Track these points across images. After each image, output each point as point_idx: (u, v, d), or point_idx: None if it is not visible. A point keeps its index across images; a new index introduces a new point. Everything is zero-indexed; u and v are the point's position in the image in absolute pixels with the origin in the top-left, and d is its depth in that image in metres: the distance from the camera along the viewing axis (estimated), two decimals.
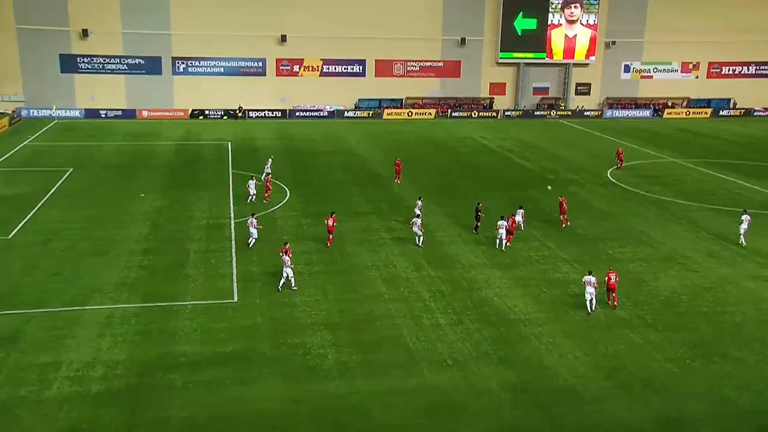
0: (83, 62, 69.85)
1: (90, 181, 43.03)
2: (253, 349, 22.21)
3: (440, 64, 78.62)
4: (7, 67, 68.05)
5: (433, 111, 77.37)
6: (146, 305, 25.06)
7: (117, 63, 70.57)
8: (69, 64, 69.47)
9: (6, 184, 41.31)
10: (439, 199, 40.76)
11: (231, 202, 39.09)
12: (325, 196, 41.15)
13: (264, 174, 41.28)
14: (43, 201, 37.75)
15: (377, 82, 76.84)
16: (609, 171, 49.64)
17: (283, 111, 73.79)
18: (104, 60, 70.19)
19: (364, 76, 76.97)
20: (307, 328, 23.71)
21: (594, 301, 25.44)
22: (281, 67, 74.79)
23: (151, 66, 71.39)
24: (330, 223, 31.77)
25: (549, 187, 38.06)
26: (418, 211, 34.57)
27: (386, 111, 76.16)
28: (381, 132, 66.19)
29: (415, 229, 32.14)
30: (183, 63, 72.21)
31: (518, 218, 34.17)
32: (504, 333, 23.67)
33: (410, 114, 76.54)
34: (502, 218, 32.82)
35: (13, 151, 51.37)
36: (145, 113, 70.53)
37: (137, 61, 70.92)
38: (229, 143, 57.73)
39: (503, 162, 53.47)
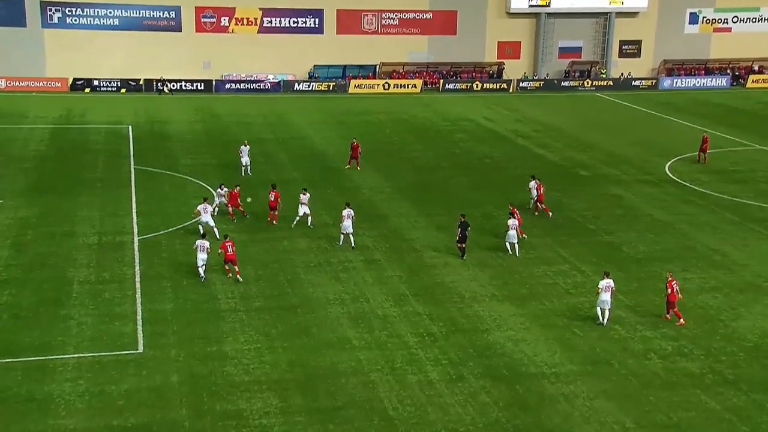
0: None
1: None
2: (165, 420, 21.97)
3: (428, 15, 79.42)
4: None
5: (418, 82, 78.03)
6: (5, 361, 24.58)
7: None
8: None
9: None
10: (424, 206, 40.97)
11: (134, 210, 38.81)
12: (266, 201, 40.97)
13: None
14: None
15: (340, 42, 77.28)
16: (668, 164, 50.47)
17: (207, 82, 73.75)
18: None
19: (322, 33, 77.40)
20: (243, 388, 23.56)
21: (608, 313, 27.44)
22: (203, 20, 74.79)
23: (9, 13, 70.61)
24: (272, 197, 35.82)
25: (249, 199, 38.73)
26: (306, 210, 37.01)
27: (353, 82, 76.54)
28: (345, 111, 66.50)
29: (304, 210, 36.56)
30: (58, 10, 71.66)
31: (534, 193, 39.35)
32: (521, 393, 23.79)
33: (387, 86, 77.08)
34: (511, 215, 34.38)
35: None
36: (1, 83, 69.74)
37: None
38: (130, 127, 57.40)
39: (516, 152, 54.01)
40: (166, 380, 23.88)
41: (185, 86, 73.18)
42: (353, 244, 34.86)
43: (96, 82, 71.55)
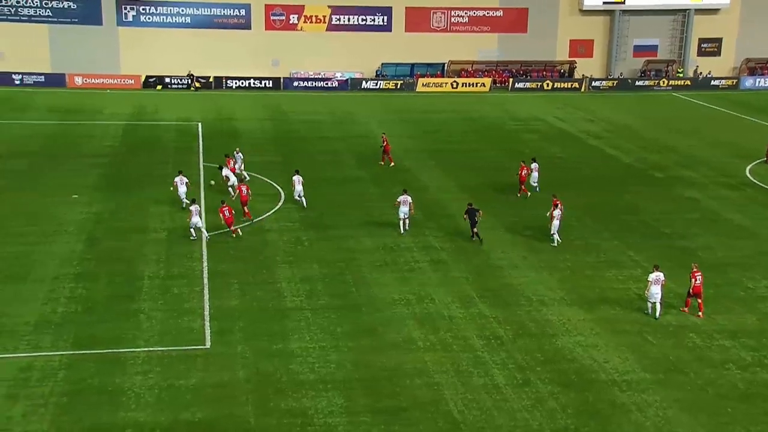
0: None
1: None
2: (232, 416, 22.32)
3: (498, 13, 79.00)
4: None
5: (487, 81, 77.68)
6: (80, 353, 25.31)
7: (37, 6, 72.00)
8: None
9: None
10: (491, 206, 40.74)
11: (203, 207, 39.49)
12: (333, 200, 41.45)
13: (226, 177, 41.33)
14: None
15: (408, 40, 77.41)
16: (749, 166, 49.27)
17: (275, 80, 74.64)
18: (18, 1, 71.66)
19: (390, 30, 77.61)
20: (308, 386, 23.81)
21: (659, 307, 28.09)
22: (272, 17, 75.73)
23: (87, 12, 72.72)
24: (245, 191, 37.27)
25: (212, 182, 41.23)
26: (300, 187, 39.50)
27: (421, 81, 76.58)
28: (412, 110, 66.58)
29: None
30: (132, 9, 73.44)
31: (534, 174, 42.94)
32: (591, 400, 23.52)
33: (455, 85, 76.92)
34: (555, 206, 35.01)
35: None
36: (78, 80, 71.77)
37: (66, 4, 72.33)
38: (199, 125, 58.47)
39: (587, 153, 53.45)
40: (232, 376, 24.28)
41: (254, 84, 74.16)
42: (406, 228, 36.16)
43: (168, 80, 73.01)
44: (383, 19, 77.36)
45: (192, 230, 34.93)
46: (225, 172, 41.44)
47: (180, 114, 61.91)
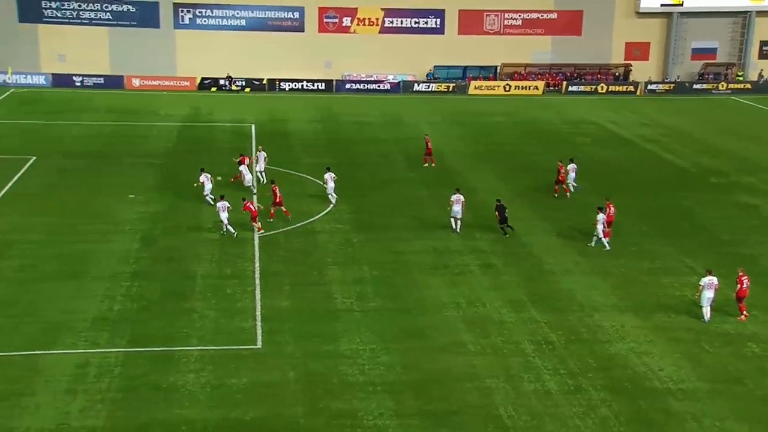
0: (50, 8, 73.04)
1: (58, 175, 44.81)
2: (281, 415, 22.52)
3: (553, 15, 78.36)
4: None
5: (540, 84, 77.08)
6: (134, 350, 25.77)
7: (97, 10, 73.46)
8: (30, 10, 72.81)
9: None
10: (543, 210, 40.53)
11: (255, 207, 39.79)
12: (383, 202, 41.55)
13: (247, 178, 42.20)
14: None
15: (461, 43, 77.25)
16: None
17: (328, 82, 75.06)
18: (79, 5, 73.21)
19: (443, 33, 77.54)
20: (357, 388, 23.91)
21: (710, 310, 28.28)
22: (325, 20, 76.19)
23: (145, 15, 73.99)
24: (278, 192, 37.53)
25: (219, 178, 41.37)
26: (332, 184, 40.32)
27: (473, 84, 76.34)
28: (464, 113, 66.40)
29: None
30: (189, 12, 74.50)
31: (572, 174, 43.23)
32: (644, 409, 23.20)
33: (507, 88, 76.50)
34: (600, 210, 35.16)
35: None
36: (136, 81, 73.03)
37: (125, 7, 73.70)
38: (252, 126, 59.05)
39: (641, 157, 52.81)
40: (283, 376, 24.47)
41: (306, 86, 74.65)
42: (458, 229, 36.33)
43: (222, 81, 73.87)
44: (436, 22, 77.28)
45: (224, 226, 35.56)
46: (241, 168, 42.26)
47: (234, 115, 62.59)
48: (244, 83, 73.76)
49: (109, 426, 21.83)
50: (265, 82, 74.29)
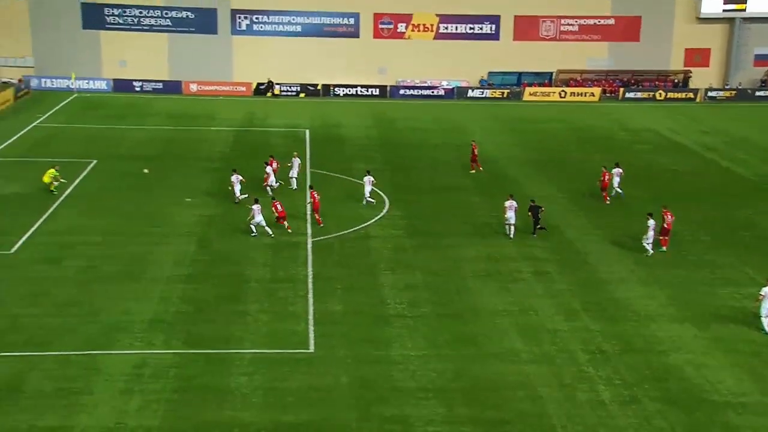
0: (112, 15, 74.55)
1: (117, 178, 45.68)
2: (333, 420, 22.65)
3: (610, 21, 77.48)
4: (12, 20, 73.41)
5: (596, 90, 76.27)
6: (189, 352, 26.17)
7: (158, 16, 74.78)
8: (93, 17, 74.42)
9: (7, 180, 44.50)
10: (599, 218, 40.06)
11: (308, 212, 40.19)
12: (437, 208, 41.50)
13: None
14: (55, 204, 40.45)
15: (516, 49, 76.88)
16: None
17: (382, 88, 75.27)
18: (140, 12, 74.61)
19: (498, 39, 77.24)
20: (409, 394, 23.92)
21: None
22: (380, 26, 76.44)
23: (204, 22, 75.09)
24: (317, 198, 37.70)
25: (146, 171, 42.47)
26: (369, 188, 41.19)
27: (528, 90, 75.86)
28: (519, 119, 66.04)
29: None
30: (246, 18, 75.42)
31: (616, 179, 43.16)
32: (702, 421, 22.80)
33: (563, 94, 75.87)
34: (650, 216, 34.75)
35: (18, 135, 55.46)
36: (193, 87, 74.17)
37: (184, 14, 74.88)
38: (307, 131, 59.51)
39: (701, 166, 51.92)
40: (335, 381, 24.59)
41: (360, 91, 74.96)
42: (512, 235, 36.34)
43: (277, 87, 74.58)
44: (491, 28, 77.00)
45: (253, 227, 36.22)
46: (268, 169, 43.02)
47: (288, 120, 63.13)
48: (299, 89, 74.37)
49: (165, 426, 22.17)
50: (319, 87, 74.79)
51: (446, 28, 76.88)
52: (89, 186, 44.01)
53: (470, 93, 75.49)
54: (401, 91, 75.41)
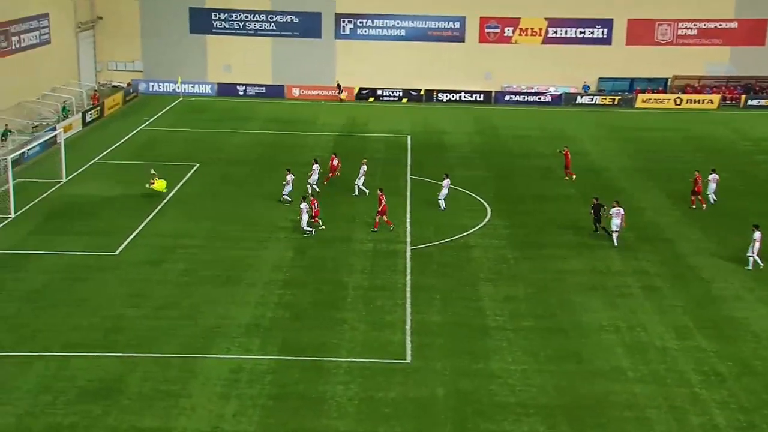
0: (218, 19, 76.61)
1: (219, 182, 46.94)
2: None
3: (733, 25, 74.93)
4: (124, 25, 76.16)
5: (715, 98, 73.84)
6: (285, 358, 26.59)
7: (263, 21, 76.42)
8: (201, 21, 76.55)
9: (115, 182, 46.32)
10: (715, 231, 38.77)
11: (408, 219, 40.32)
12: (541, 218, 41.03)
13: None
14: (159, 207, 41.84)
15: (629, 54, 75.22)
16: None
17: (486, 94, 74.85)
18: (246, 16, 76.41)
19: (610, 44, 75.71)
20: (508, 410, 23.70)
21: None
22: (487, 30, 76.09)
23: (308, 26, 76.26)
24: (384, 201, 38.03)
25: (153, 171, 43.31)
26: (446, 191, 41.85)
27: (641, 96, 74.14)
28: (629, 127, 64.63)
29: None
30: (350, 22, 76.27)
31: (712, 185, 42.74)
32: None
33: (678, 101, 73.76)
34: (756, 228, 34.25)
35: (125, 138, 57.62)
36: (296, 91, 75.47)
37: (289, 18, 76.25)
38: (408, 137, 59.75)
39: None
40: (431, 393, 24.55)
41: (464, 97, 74.74)
42: (616, 242, 36.45)
43: (380, 92, 75.17)
44: (603, 32, 75.56)
45: (307, 228, 37.26)
46: (315, 167, 44.54)
47: (390, 126, 63.49)
48: (400, 94, 74.72)
49: None
50: (422, 92, 74.97)
51: (555, 32, 75.89)
52: (191, 189, 45.31)
53: (579, 99, 74.26)
54: (506, 97, 74.82)
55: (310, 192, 43.02)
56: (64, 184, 45.67)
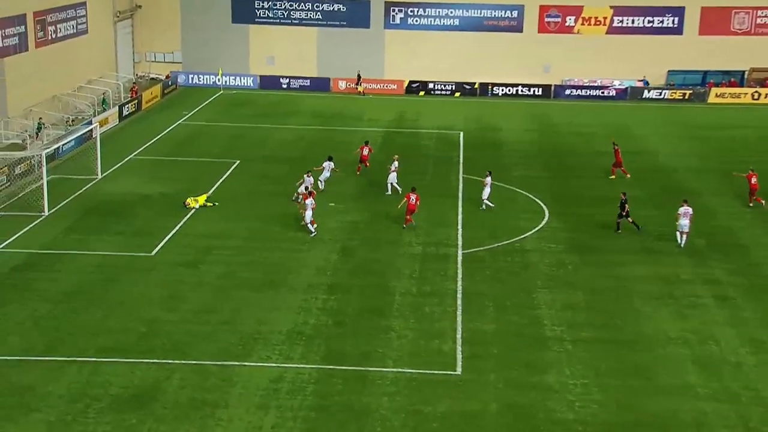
0: (262, 8, 77.24)
1: (259, 181, 47.29)
2: None
3: None
4: (163, 14, 77.32)
5: None
6: (328, 368, 26.58)
7: (308, 10, 76.83)
8: (244, 10, 77.33)
9: (152, 180, 46.95)
10: None
11: (459, 222, 40.19)
12: (603, 221, 40.57)
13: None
14: (197, 205, 42.15)
15: (701, 45, 74.25)
16: None
17: (545, 87, 74.37)
18: (291, 5, 76.91)
19: (681, 33, 74.78)
20: (566, 426, 23.47)
21: None
22: (546, 20, 75.61)
23: (356, 15, 76.56)
24: (413, 200, 38.04)
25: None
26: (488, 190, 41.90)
27: (714, 90, 73.01)
28: (702, 124, 63.80)
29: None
30: (401, 11, 76.35)
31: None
32: None
33: (756, 96, 72.55)
34: None
35: (163, 133, 58.44)
36: (342, 84, 75.73)
37: (336, 6, 76.58)
38: (461, 134, 59.56)
39: None
40: (483, 407, 24.39)
41: (521, 91, 74.29)
42: (683, 244, 36.80)
43: (431, 85, 75.06)
44: (674, 21, 74.62)
45: (310, 226, 37.54)
46: (326, 164, 45.44)
47: (441, 122, 63.39)
48: (453, 87, 74.56)
49: None
50: (476, 86, 74.69)
51: (621, 21, 75.16)
52: (231, 188, 45.71)
53: (645, 94, 73.36)
54: (567, 91, 74.24)
55: (320, 186, 43.93)
56: (100, 180, 46.43)
